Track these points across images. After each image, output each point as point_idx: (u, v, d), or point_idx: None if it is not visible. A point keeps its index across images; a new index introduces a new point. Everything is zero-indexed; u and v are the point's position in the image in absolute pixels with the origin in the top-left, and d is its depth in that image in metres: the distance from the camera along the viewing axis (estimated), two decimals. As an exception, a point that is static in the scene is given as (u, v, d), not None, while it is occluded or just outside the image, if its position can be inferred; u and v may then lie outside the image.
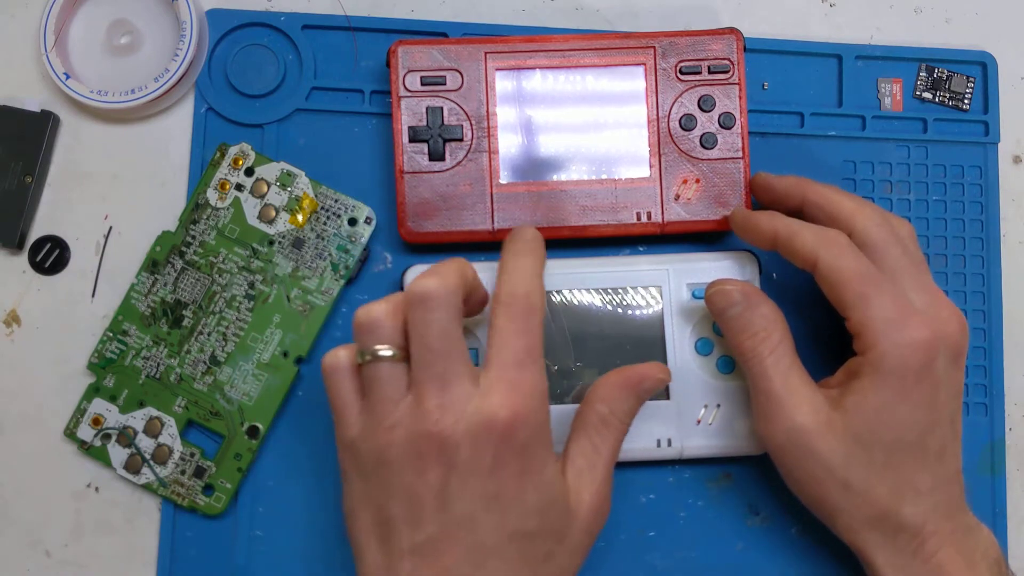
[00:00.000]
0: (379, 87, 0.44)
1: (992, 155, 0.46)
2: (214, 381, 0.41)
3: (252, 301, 0.42)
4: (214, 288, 0.42)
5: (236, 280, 0.42)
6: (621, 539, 0.43)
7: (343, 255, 0.42)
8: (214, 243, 0.42)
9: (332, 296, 0.42)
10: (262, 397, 0.41)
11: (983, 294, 0.45)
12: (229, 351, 0.42)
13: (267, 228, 0.42)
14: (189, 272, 0.42)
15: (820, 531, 0.40)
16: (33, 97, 0.44)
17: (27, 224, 0.44)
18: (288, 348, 0.42)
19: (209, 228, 0.42)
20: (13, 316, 0.44)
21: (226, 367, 0.41)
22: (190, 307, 0.42)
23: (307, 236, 0.42)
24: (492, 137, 0.42)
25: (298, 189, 0.42)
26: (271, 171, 0.42)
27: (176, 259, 0.42)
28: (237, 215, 0.42)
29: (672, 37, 0.42)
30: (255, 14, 0.45)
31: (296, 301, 0.42)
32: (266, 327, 0.42)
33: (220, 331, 0.42)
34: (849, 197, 0.39)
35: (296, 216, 0.42)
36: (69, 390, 0.43)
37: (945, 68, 0.46)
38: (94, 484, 0.43)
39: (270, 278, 0.42)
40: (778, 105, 0.45)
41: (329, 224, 0.42)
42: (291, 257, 0.42)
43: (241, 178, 0.42)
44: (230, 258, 0.42)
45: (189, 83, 0.44)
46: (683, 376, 0.41)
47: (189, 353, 0.42)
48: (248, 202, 0.42)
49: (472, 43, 0.42)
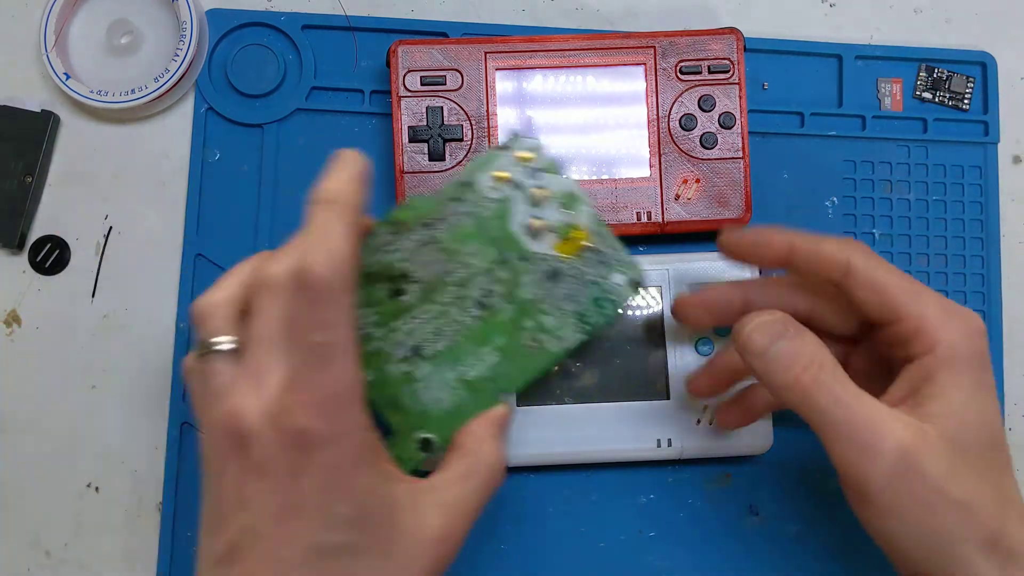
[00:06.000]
0: (379, 87, 0.44)
1: (992, 155, 0.46)
2: (409, 373, 0.36)
3: (482, 310, 0.36)
4: (450, 278, 0.36)
5: (475, 281, 0.36)
6: (621, 539, 0.43)
7: (595, 310, 0.36)
8: (467, 232, 0.36)
9: (567, 346, 0.36)
10: (450, 413, 0.36)
11: (983, 294, 0.45)
12: (438, 349, 0.36)
13: (528, 242, 0.36)
14: (431, 248, 0.36)
15: (820, 531, 0.40)
16: (33, 97, 0.44)
17: (27, 224, 0.44)
18: (498, 377, 0.36)
19: (469, 214, 0.36)
20: (13, 316, 0.44)
21: (427, 364, 0.36)
22: (417, 285, 0.36)
23: (566, 271, 0.36)
24: (492, 137, 0.42)
25: (576, 218, 0.36)
26: (558, 183, 0.36)
27: (422, 229, 0.36)
28: (502, 214, 0.36)
29: (672, 37, 0.42)
30: (255, 14, 0.45)
31: (527, 333, 0.36)
32: (485, 344, 0.36)
33: (437, 325, 0.36)
34: (834, 242, 0.35)
35: (565, 244, 0.36)
36: (69, 390, 0.43)
37: (945, 68, 0.46)
38: (94, 484, 0.43)
39: (510, 295, 0.36)
40: (778, 105, 0.45)
41: (594, 270, 0.36)
42: (541, 285, 0.36)
43: (523, 177, 0.37)
44: (479, 255, 0.36)
45: (189, 83, 0.44)
46: (683, 376, 0.41)
47: (396, 332, 0.36)
48: (519, 206, 0.36)
49: (472, 43, 0.42)
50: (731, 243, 0.36)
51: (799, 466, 0.43)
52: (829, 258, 0.34)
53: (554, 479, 0.42)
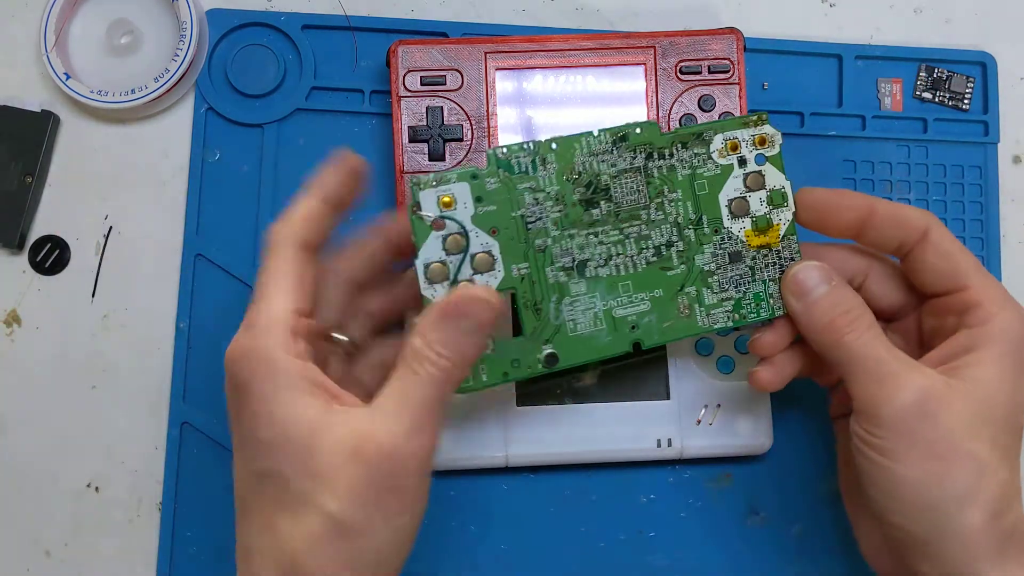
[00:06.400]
0: (379, 87, 0.44)
1: (992, 155, 0.46)
2: (564, 284, 0.35)
3: (657, 259, 0.36)
4: (643, 214, 0.36)
5: (664, 229, 0.36)
6: (621, 539, 0.43)
7: (751, 307, 0.37)
8: (679, 179, 0.36)
9: (711, 326, 0.37)
10: (582, 340, 0.36)
11: (983, 294, 0.45)
12: (600, 274, 0.36)
13: (726, 217, 0.37)
14: (640, 179, 0.36)
15: (820, 531, 0.40)
16: (33, 97, 0.44)
17: (27, 224, 0.44)
18: (641, 326, 0.36)
19: (687, 163, 0.36)
20: (13, 316, 0.44)
21: (584, 283, 0.36)
22: (612, 205, 0.36)
23: (747, 258, 0.37)
24: (492, 137, 0.42)
25: (777, 216, 0.37)
26: (775, 178, 0.37)
27: (640, 155, 0.36)
28: (716, 181, 0.37)
29: (672, 37, 0.42)
30: (255, 14, 0.45)
31: (684, 298, 0.36)
32: (644, 290, 0.36)
33: (611, 252, 0.36)
34: (914, 209, 0.37)
35: (755, 235, 0.37)
36: (69, 390, 0.43)
37: (945, 68, 0.46)
38: (94, 484, 0.43)
39: (688, 257, 0.36)
40: (778, 105, 0.45)
41: (768, 270, 0.37)
42: (719, 261, 0.37)
43: (752, 154, 0.37)
44: (678, 205, 0.36)
45: (189, 83, 0.44)
46: (683, 376, 0.41)
47: (571, 239, 0.35)
48: (735, 180, 0.37)
49: (472, 43, 0.42)
50: (808, 200, 0.37)
51: (799, 466, 0.43)
52: (911, 221, 0.35)
53: (554, 479, 0.42)
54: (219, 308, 0.43)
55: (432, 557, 0.42)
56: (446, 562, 0.42)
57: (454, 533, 0.42)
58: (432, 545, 0.42)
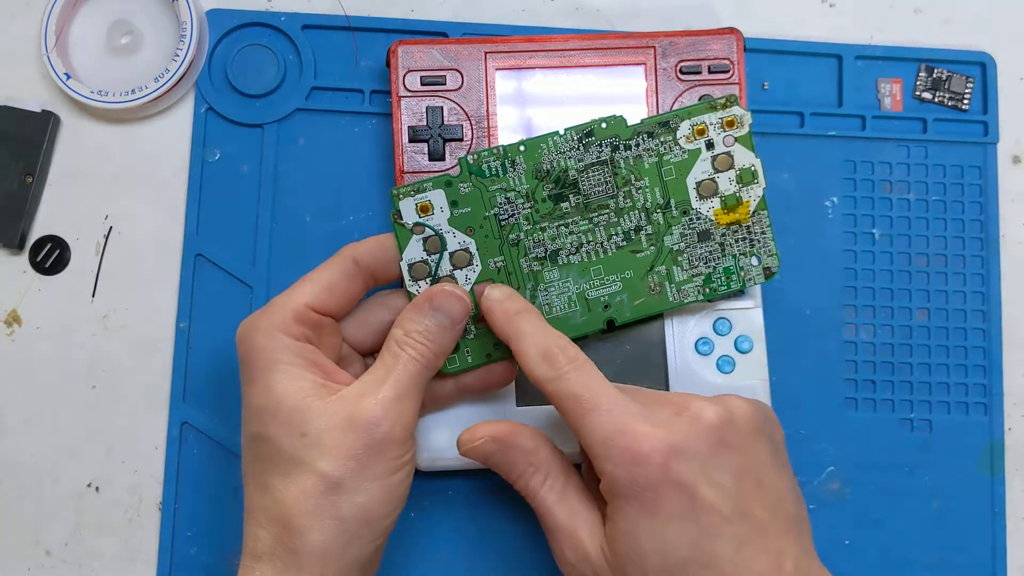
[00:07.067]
0: (379, 87, 0.44)
1: (992, 155, 0.46)
2: (538, 273, 0.38)
3: (627, 243, 0.38)
4: (610, 203, 0.38)
5: (631, 214, 0.38)
6: (621, 539, 0.43)
7: (722, 280, 0.39)
8: (646, 168, 0.38)
9: (682, 300, 0.39)
10: (558, 320, 0.38)
11: (983, 294, 0.45)
12: (571, 261, 0.38)
13: (695, 199, 0.38)
14: (607, 171, 0.38)
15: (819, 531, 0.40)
16: (33, 97, 0.44)
17: (27, 224, 0.44)
18: (613, 305, 0.38)
19: (653, 152, 0.38)
20: (13, 316, 0.44)
21: (556, 271, 0.38)
22: (579, 197, 0.38)
23: (716, 235, 0.38)
24: (492, 137, 0.42)
25: (747, 193, 0.38)
26: (744, 157, 0.38)
27: (606, 148, 0.38)
28: (684, 166, 0.38)
29: (672, 37, 0.42)
30: (255, 14, 0.45)
31: (654, 276, 0.38)
32: (615, 272, 0.38)
33: (581, 240, 0.38)
34: None
35: (724, 213, 0.38)
36: (69, 390, 0.43)
37: (945, 68, 0.46)
38: (94, 484, 0.43)
39: (657, 240, 0.38)
40: (778, 105, 0.45)
41: (738, 245, 0.38)
42: (688, 239, 0.38)
43: (719, 137, 0.38)
44: (645, 192, 0.38)
45: (189, 83, 0.44)
46: (683, 376, 0.41)
47: (543, 231, 0.38)
48: (703, 163, 0.38)
49: (472, 43, 0.42)
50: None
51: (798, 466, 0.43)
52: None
53: (554, 479, 0.42)
54: (219, 308, 0.43)
55: (431, 556, 0.42)
56: (445, 561, 0.42)
57: (453, 533, 0.42)
58: (431, 545, 0.42)
